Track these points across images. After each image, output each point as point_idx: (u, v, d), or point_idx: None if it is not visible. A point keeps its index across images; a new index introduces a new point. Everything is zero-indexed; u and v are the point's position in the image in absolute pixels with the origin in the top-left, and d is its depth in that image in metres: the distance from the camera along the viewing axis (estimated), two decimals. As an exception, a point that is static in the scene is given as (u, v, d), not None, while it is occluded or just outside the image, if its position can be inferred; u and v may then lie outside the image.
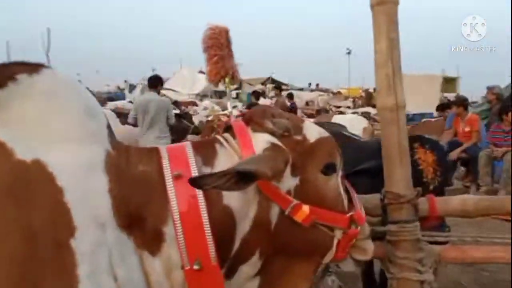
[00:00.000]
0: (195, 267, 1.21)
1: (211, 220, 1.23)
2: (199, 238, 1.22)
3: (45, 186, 1.11)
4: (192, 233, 1.21)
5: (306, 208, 1.30)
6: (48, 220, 1.09)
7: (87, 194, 1.15)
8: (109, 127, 1.31)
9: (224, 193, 1.27)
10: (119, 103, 15.56)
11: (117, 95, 24.18)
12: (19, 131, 1.15)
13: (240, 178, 1.14)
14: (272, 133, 1.32)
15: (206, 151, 1.36)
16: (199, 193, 1.23)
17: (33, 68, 1.20)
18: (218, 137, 1.43)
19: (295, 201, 1.30)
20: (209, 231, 1.22)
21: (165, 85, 15.89)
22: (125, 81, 28.82)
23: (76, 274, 1.08)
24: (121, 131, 6.29)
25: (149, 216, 1.22)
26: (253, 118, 1.38)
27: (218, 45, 2.83)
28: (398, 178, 1.67)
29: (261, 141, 1.32)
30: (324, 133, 1.41)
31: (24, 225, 1.08)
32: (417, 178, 2.26)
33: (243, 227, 1.30)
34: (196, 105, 16.57)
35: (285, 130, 1.31)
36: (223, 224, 1.27)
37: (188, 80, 24.46)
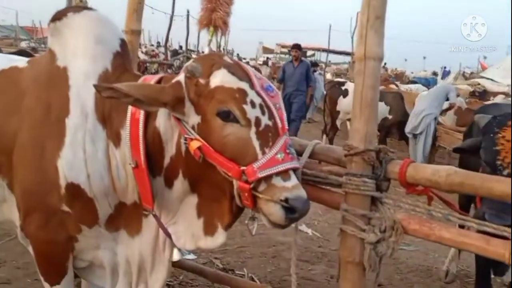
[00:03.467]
0: (132, 165, 1.68)
1: (146, 133, 1.67)
2: (137, 144, 1.67)
3: (63, 83, 1.79)
4: (134, 140, 1.68)
5: (195, 143, 1.53)
6: (58, 103, 1.76)
7: (81, 92, 1.77)
8: (117, 53, 1.86)
9: (157, 116, 1.68)
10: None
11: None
12: (63, 48, 1.85)
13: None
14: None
15: (166, 81, 1.74)
16: (142, 112, 1.67)
17: (77, 9, 1.89)
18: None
19: (190, 135, 1.56)
20: (142, 141, 1.66)
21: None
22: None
23: (63, 141, 1.71)
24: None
25: (116, 118, 1.76)
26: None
27: None
28: (355, 129, 1.60)
29: (176, 78, 1.63)
30: (229, 82, 1.52)
31: (46, 103, 1.77)
32: (492, 158, 1.97)
33: (171, 148, 1.68)
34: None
35: (188, 72, 1.55)
36: (153, 139, 1.68)
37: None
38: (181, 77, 1.60)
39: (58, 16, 1.88)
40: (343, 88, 9.06)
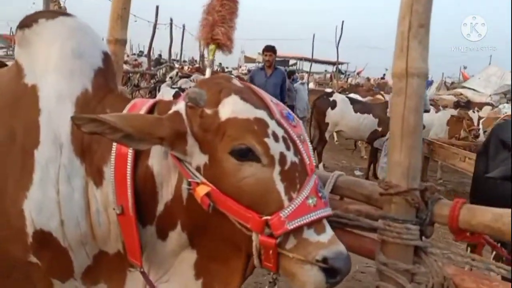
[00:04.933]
0: (117, 211, 1.34)
1: (136, 175, 1.34)
2: (123, 186, 1.34)
3: (31, 105, 1.44)
4: (119, 181, 1.34)
5: (203, 189, 1.21)
6: (24, 131, 1.42)
7: (54, 118, 1.42)
8: (100, 70, 1.53)
9: (151, 154, 1.36)
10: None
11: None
12: (32, 61, 1.51)
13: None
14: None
15: (161, 108, 1.43)
16: (130, 149, 1.34)
17: (51, 15, 1.55)
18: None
19: (195, 178, 1.23)
20: (130, 183, 1.33)
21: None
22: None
23: (32, 177, 1.36)
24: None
25: (97, 153, 1.41)
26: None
27: (210, 10, 2.67)
28: (395, 162, 1.30)
29: (174, 107, 1.31)
30: (243, 112, 1.22)
31: (9, 129, 1.42)
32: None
33: (166, 193, 1.35)
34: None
35: (189, 101, 1.23)
36: (144, 181, 1.35)
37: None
38: (180, 106, 1.29)
39: (26, 23, 1.54)
40: (331, 99, 8.85)
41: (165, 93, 6.93)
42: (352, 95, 11.61)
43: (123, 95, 1.62)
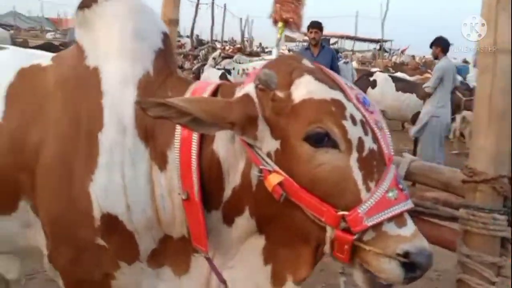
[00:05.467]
0: (182, 196, 1.31)
1: (201, 159, 1.30)
2: (188, 171, 1.30)
3: (94, 88, 1.43)
4: (184, 165, 1.31)
5: (275, 177, 1.14)
6: (88, 114, 1.41)
7: (117, 101, 1.40)
8: (160, 51, 1.49)
9: (215, 138, 1.31)
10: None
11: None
12: (93, 43, 1.49)
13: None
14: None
15: (225, 91, 1.38)
16: (195, 133, 1.30)
17: None
18: None
19: (266, 166, 1.17)
20: (195, 168, 1.29)
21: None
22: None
23: (96, 161, 1.36)
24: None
25: (160, 136, 1.38)
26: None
27: None
28: (480, 147, 1.20)
29: (243, 89, 1.25)
30: (318, 93, 1.14)
31: (73, 112, 1.42)
32: None
33: (233, 178, 1.30)
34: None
35: (261, 83, 1.16)
36: (210, 166, 1.31)
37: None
38: (249, 88, 1.23)
39: (86, 3, 1.51)
40: (371, 79, 8.53)
41: (210, 74, 6.91)
42: (398, 74, 11.19)
43: (183, 77, 1.58)
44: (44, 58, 1.65)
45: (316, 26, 5.99)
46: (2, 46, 1.82)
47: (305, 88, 1.15)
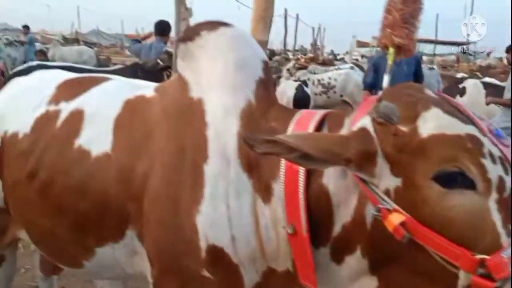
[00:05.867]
0: (288, 230, 1.28)
1: (308, 192, 1.26)
2: (294, 205, 1.27)
3: (198, 119, 1.46)
4: (290, 197, 1.28)
5: (396, 217, 1.05)
6: (193, 145, 1.43)
7: (221, 132, 1.42)
8: (261, 80, 1.49)
9: (325, 172, 1.26)
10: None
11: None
12: (197, 75, 1.53)
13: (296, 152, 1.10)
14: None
15: (332, 122, 1.34)
16: None
17: (212, 26, 1.55)
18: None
19: (385, 204, 1.09)
20: (303, 202, 1.25)
21: None
22: None
23: (202, 192, 1.37)
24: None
25: (265, 168, 1.37)
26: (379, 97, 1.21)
27: (390, 7, 2.27)
28: None
29: (358, 123, 1.18)
30: (451, 127, 1.04)
31: (179, 143, 1.45)
32: None
33: (344, 214, 1.24)
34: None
35: (380, 116, 1.09)
36: (318, 200, 1.26)
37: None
38: (365, 121, 1.15)
39: (190, 36, 1.55)
40: (460, 86, 8.01)
41: (287, 86, 6.90)
42: (487, 79, 10.45)
43: (285, 105, 1.56)
44: (147, 88, 1.71)
45: None
46: (106, 77, 1.93)
47: (434, 122, 1.05)
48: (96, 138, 1.60)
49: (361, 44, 39.00)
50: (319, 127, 1.32)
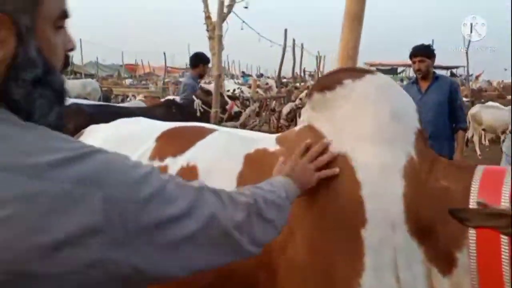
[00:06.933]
0: None
1: None
2: (493, 279, 1.10)
3: (346, 177, 1.28)
4: (485, 271, 1.11)
5: None
6: (345, 207, 1.25)
7: (381, 193, 1.24)
8: (419, 132, 1.33)
9: None
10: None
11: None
12: (337, 127, 1.36)
13: None
14: None
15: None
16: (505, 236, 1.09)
17: (357, 74, 1.39)
18: None
19: None
20: (508, 277, 1.07)
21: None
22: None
23: (362, 262, 1.19)
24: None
25: (443, 235, 1.19)
26: None
27: None
28: None
29: None
30: None
31: (322, 204, 1.28)
32: None
33: None
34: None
35: None
36: None
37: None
38: None
39: (328, 84, 1.39)
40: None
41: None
42: (490, 103, 10.48)
43: (452, 161, 1.40)
44: (265, 141, 1.55)
45: (422, 52, 4.23)
46: (206, 127, 1.76)
47: None
48: None
49: (362, 70, 39.18)
50: None
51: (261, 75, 21.01)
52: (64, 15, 0.76)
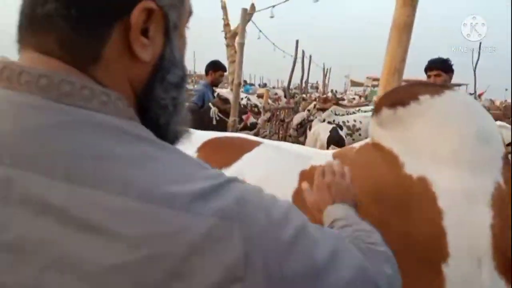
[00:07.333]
0: None
1: None
2: None
3: (426, 204, 1.13)
4: None
5: None
6: (421, 238, 1.11)
7: (466, 223, 1.10)
8: (505, 156, 1.19)
9: None
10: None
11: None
12: (412, 147, 1.22)
13: None
14: None
15: None
16: None
17: (436, 90, 1.25)
18: None
19: None
20: None
21: None
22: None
23: None
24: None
25: None
26: None
27: None
28: None
29: None
30: None
31: (403, 233, 1.12)
32: None
33: None
34: None
35: None
36: None
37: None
38: None
39: (401, 100, 1.25)
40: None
41: (321, 129, 6.63)
42: (499, 123, 10.38)
43: None
44: (320, 157, 1.41)
45: (437, 66, 3.85)
46: (250, 139, 1.62)
47: None
48: None
49: (354, 84, 39.28)
50: None
51: (265, 84, 20.90)
52: (191, 14, 0.67)
